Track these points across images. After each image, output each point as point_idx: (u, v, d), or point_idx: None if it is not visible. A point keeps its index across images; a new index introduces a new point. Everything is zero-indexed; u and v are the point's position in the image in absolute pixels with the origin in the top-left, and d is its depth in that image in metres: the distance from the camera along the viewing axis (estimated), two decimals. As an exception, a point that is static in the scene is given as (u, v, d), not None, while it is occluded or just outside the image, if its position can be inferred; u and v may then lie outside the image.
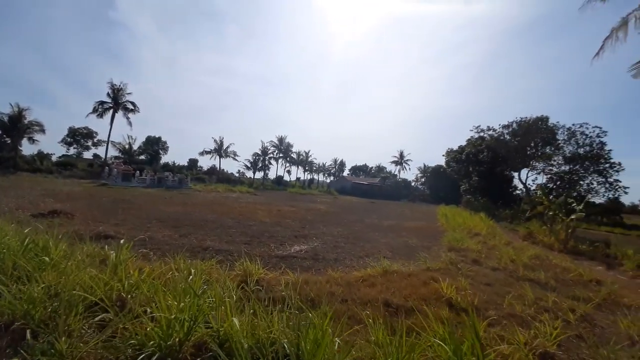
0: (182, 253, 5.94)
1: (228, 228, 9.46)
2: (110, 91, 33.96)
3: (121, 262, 3.32)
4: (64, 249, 3.76)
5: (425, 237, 11.45)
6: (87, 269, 3.01)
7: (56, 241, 4.28)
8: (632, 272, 7.12)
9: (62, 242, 4.15)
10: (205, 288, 2.96)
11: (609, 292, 5.08)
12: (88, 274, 2.88)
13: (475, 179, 27.05)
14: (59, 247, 3.73)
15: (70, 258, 3.41)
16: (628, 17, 9.38)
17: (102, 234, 6.85)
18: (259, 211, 15.17)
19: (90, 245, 4.91)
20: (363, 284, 4.71)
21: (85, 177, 29.31)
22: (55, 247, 3.80)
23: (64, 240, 4.95)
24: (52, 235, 4.33)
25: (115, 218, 9.37)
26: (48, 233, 4.57)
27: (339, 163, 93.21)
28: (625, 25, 9.40)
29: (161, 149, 66.50)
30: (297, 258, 6.50)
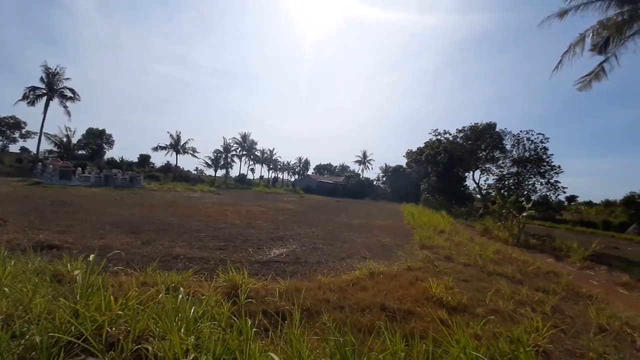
0: (150, 264, 5.32)
1: (196, 232, 8.73)
2: (44, 76, 29.33)
3: (91, 284, 2.74)
4: (9, 268, 3.02)
5: (397, 235, 11.84)
6: (48, 294, 2.42)
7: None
8: (579, 264, 8.16)
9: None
10: (203, 310, 2.58)
11: (567, 283, 5.69)
12: (52, 301, 2.31)
13: (433, 178, 29.01)
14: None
15: (20, 278, 2.73)
16: (586, 33, 10.64)
17: (45, 244, 5.80)
18: (227, 212, 14.35)
19: (34, 259, 4.10)
20: (354, 288, 4.62)
21: (13, 174, 24.92)
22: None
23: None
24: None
25: (58, 224, 8.05)
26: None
27: (303, 162, 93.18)
28: (583, 40, 10.66)
29: (105, 142, 59.78)
30: (279, 262, 6.20)
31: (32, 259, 4.10)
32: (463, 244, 9.65)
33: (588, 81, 11.16)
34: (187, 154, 46.98)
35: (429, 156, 29.22)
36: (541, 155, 25.45)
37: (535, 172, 25.25)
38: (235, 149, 58.48)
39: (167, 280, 3.88)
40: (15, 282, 2.71)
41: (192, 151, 47.23)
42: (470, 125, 28.01)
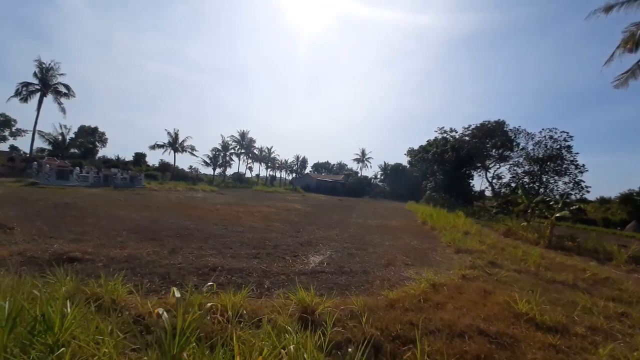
0: (188, 277, 4.73)
1: (219, 237, 8.11)
2: (38, 71, 27.95)
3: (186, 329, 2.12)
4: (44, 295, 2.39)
5: (421, 237, 11.39)
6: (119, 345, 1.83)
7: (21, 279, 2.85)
8: (625, 267, 7.83)
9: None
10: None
11: (632, 290, 5.29)
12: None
13: (440, 177, 28.69)
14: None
15: (54, 307, 2.11)
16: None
17: (65, 256, 5.14)
18: (239, 214, 13.72)
19: (64, 279, 3.47)
20: (429, 305, 4.11)
21: (5, 173, 23.69)
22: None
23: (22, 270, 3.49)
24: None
25: (70, 230, 7.35)
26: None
27: (301, 160, 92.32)
28: (634, 36, 10.23)
29: (98, 141, 58.19)
30: (324, 273, 5.65)
31: (62, 281, 3.46)
32: (498, 247, 9.24)
33: (625, 79, 10.88)
34: (185, 152, 45.86)
35: (436, 154, 28.88)
36: (564, 153, 25.02)
37: (555, 170, 24.98)
38: (233, 147, 57.46)
39: (229, 302, 3.29)
40: (63, 318, 2.09)
41: (190, 149, 46.12)
42: (478, 124, 27.77)
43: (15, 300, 2.00)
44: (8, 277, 3.50)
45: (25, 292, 2.70)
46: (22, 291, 3.05)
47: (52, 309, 2.34)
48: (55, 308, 2.26)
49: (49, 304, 2.30)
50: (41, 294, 2.64)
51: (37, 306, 2.36)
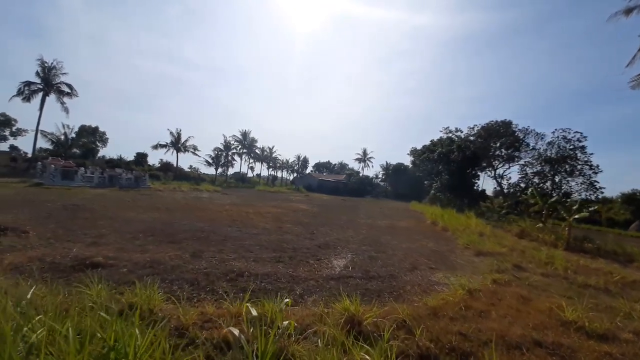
0: (218, 282, 4.58)
1: (237, 240, 7.96)
2: (40, 70, 27.69)
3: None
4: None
5: (436, 239, 11.26)
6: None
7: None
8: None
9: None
10: None
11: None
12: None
13: (445, 177, 28.55)
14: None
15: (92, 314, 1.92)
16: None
17: (87, 262, 4.98)
18: (249, 215, 13.56)
19: (97, 287, 3.32)
20: (472, 314, 3.97)
21: (7, 174, 23.47)
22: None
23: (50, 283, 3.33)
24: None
25: (85, 233, 7.19)
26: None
27: (302, 160, 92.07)
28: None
29: (99, 140, 57.81)
30: (352, 278, 5.51)
31: (95, 289, 3.31)
32: (517, 249, 9.11)
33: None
34: (187, 152, 45.62)
35: (442, 154, 28.72)
36: (578, 154, 24.74)
37: (568, 171, 24.77)
38: (235, 146, 57.24)
39: (270, 311, 3.14)
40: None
41: (192, 149, 45.90)
42: (484, 124, 27.59)
43: (81, 324, 1.81)
44: (39, 288, 3.35)
45: (73, 307, 2.54)
46: (62, 306, 2.91)
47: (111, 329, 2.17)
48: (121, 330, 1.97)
49: (117, 326, 2.05)
50: (113, 317, 2.35)
51: (95, 326, 2.19)
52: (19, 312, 2.08)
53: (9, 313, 1.67)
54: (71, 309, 2.87)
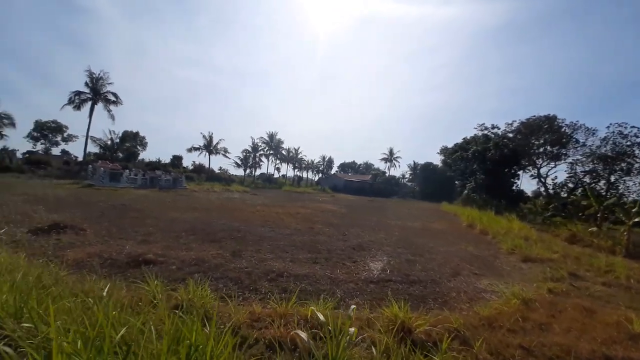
0: (259, 281, 4.67)
1: (272, 240, 8.11)
2: (89, 80, 30.45)
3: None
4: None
5: (475, 242, 10.67)
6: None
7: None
8: None
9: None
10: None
11: None
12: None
13: (481, 176, 26.95)
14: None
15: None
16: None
17: (140, 258, 5.32)
18: (280, 215, 13.79)
19: (154, 283, 3.49)
20: (531, 326, 3.67)
21: (62, 176, 26.11)
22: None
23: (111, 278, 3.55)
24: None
25: (135, 231, 7.72)
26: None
27: (327, 160, 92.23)
28: None
29: (139, 144, 62.17)
30: (392, 282, 5.36)
31: (152, 286, 3.50)
32: (571, 255, 8.35)
33: None
34: (218, 154, 47.64)
35: (476, 152, 27.13)
36: (635, 151, 22.07)
37: (625, 170, 22.32)
38: (262, 148, 58.70)
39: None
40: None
41: (223, 152, 47.84)
42: (524, 119, 25.51)
43: (167, 324, 1.86)
44: (103, 282, 3.62)
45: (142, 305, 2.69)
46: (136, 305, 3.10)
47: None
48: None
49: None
50: (190, 319, 2.31)
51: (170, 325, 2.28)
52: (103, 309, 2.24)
53: (110, 313, 1.76)
54: (134, 304, 3.07)
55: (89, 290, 3.04)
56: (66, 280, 3.11)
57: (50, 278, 2.67)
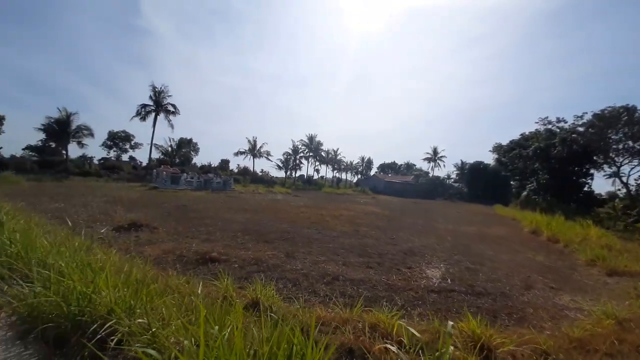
0: (316, 284, 4.73)
1: (320, 242, 8.19)
2: (152, 94, 34.30)
3: None
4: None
5: (545, 251, 9.55)
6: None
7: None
8: None
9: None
10: None
11: None
12: None
13: (544, 176, 23.98)
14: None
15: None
16: None
17: (207, 256, 5.75)
18: (324, 217, 13.91)
19: (225, 281, 3.71)
20: (629, 349, 3.13)
21: (132, 179, 29.78)
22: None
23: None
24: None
25: (198, 230, 8.42)
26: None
27: (366, 161, 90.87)
28: None
29: (192, 149, 67.89)
30: (455, 292, 5.02)
31: (223, 283, 3.73)
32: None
33: None
34: (262, 157, 49.96)
35: (539, 149, 24.22)
36: None
37: None
38: (302, 150, 60.02)
39: (388, 323, 3.03)
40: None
41: (266, 155, 50.05)
42: (597, 111, 21.93)
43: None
44: (179, 278, 3.97)
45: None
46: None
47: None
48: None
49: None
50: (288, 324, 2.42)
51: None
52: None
53: (215, 313, 1.90)
54: (214, 300, 3.30)
55: (176, 285, 3.36)
56: (158, 276, 3.46)
57: (144, 274, 2.98)
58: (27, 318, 1.90)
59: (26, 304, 1.94)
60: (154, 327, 1.73)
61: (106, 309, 1.82)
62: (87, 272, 2.12)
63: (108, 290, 1.92)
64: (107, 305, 1.83)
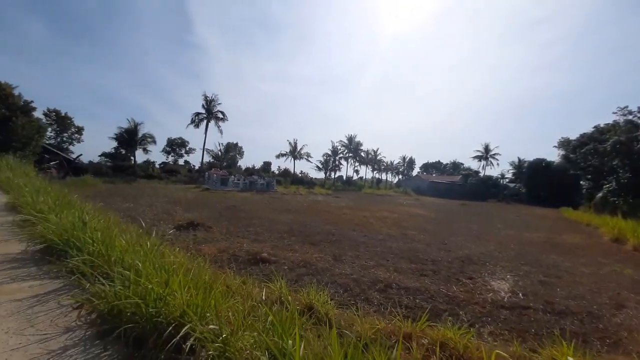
0: (367, 291, 4.50)
1: (367, 246, 7.91)
2: (204, 102, 37.23)
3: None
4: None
5: (635, 264, 8.01)
6: None
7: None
8: None
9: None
10: None
11: None
12: None
13: (626, 175, 20.35)
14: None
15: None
16: None
17: (257, 257, 5.88)
18: (368, 219, 13.56)
19: (279, 282, 3.67)
20: None
21: (187, 181, 32.66)
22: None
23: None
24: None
25: (247, 230, 8.74)
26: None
27: (407, 160, 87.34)
28: None
29: (237, 153, 72.02)
30: (530, 309, 4.38)
31: (277, 285, 3.71)
32: None
33: None
34: (302, 159, 50.94)
35: (618, 144, 20.66)
36: None
37: None
38: (342, 151, 59.80)
39: (460, 343, 2.69)
40: None
41: (306, 156, 50.90)
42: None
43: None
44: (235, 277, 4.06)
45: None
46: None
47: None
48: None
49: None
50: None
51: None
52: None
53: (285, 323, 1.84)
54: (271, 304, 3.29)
55: (235, 287, 3.42)
56: (219, 276, 3.58)
57: (211, 276, 3.06)
58: (107, 317, 2.01)
59: (107, 302, 2.06)
60: (224, 333, 1.70)
61: (179, 311, 1.85)
62: (162, 273, 2.21)
63: (181, 292, 1.96)
64: (180, 307, 1.86)
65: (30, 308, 2.31)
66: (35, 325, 2.02)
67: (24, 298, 2.48)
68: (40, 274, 3.07)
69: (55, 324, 2.06)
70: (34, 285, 2.78)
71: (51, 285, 2.78)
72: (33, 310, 2.26)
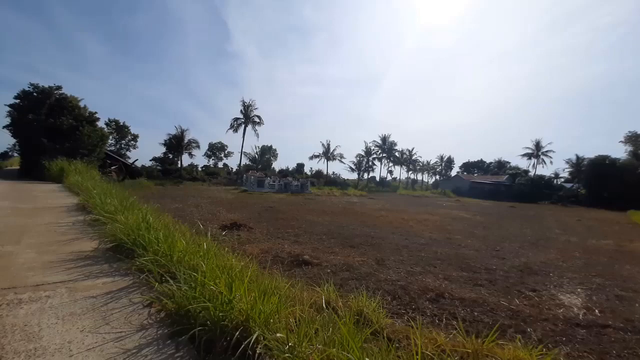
0: (420, 296, 4.24)
1: (410, 250, 7.55)
2: (242, 108, 39.07)
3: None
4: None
5: None
6: None
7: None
8: None
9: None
10: None
11: None
12: None
13: None
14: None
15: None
16: None
17: (299, 258, 5.90)
18: (407, 221, 13.03)
19: (327, 286, 3.59)
20: None
21: (227, 183, 34.51)
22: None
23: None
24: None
25: (286, 232, 8.88)
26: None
27: (446, 160, 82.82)
28: None
29: (272, 155, 74.21)
30: (610, 328, 3.79)
31: (325, 290, 3.64)
32: None
33: None
34: (335, 160, 50.91)
35: None
36: None
37: None
38: (375, 152, 58.64)
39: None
40: None
41: (339, 158, 50.79)
42: None
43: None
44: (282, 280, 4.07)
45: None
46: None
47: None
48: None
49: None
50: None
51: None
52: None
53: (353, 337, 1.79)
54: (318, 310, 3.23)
55: (284, 290, 3.42)
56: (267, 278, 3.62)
57: (270, 281, 3.07)
58: (176, 317, 2.06)
59: (174, 302, 2.13)
60: (291, 342, 1.66)
61: (244, 315, 1.85)
62: (225, 275, 2.25)
63: (245, 296, 1.97)
64: (244, 312, 1.86)
65: (104, 305, 2.36)
66: (110, 323, 2.05)
67: (98, 295, 2.54)
68: (112, 271, 3.32)
69: (129, 321, 2.16)
70: (107, 282, 2.99)
71: (122, 283, 2.98)
72: (107, 307, 2.31)
